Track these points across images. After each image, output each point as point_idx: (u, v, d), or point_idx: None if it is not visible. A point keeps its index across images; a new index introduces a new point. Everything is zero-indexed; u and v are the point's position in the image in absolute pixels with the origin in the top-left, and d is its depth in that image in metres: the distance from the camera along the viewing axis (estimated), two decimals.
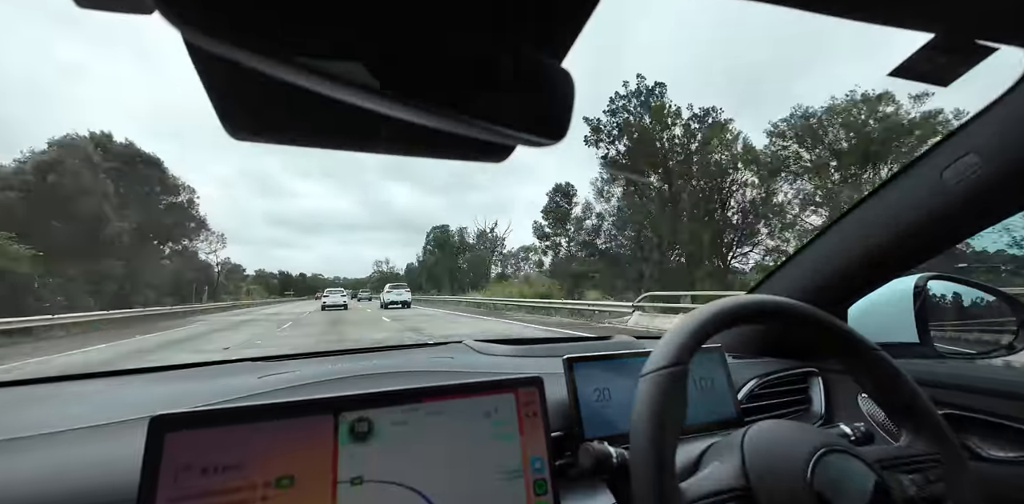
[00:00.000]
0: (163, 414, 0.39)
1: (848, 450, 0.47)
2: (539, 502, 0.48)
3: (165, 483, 0.38)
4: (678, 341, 0.48)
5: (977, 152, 0.62)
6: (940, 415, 0.54)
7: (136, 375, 0.89)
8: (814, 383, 0.96)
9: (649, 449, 0.42)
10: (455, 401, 0.49)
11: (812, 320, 0.55)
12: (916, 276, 0.98)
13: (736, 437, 0.51)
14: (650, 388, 0.46)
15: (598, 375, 0.70)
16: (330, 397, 0.45)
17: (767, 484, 0.45)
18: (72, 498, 0.45)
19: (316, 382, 0.72)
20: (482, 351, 1.09)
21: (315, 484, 0.41)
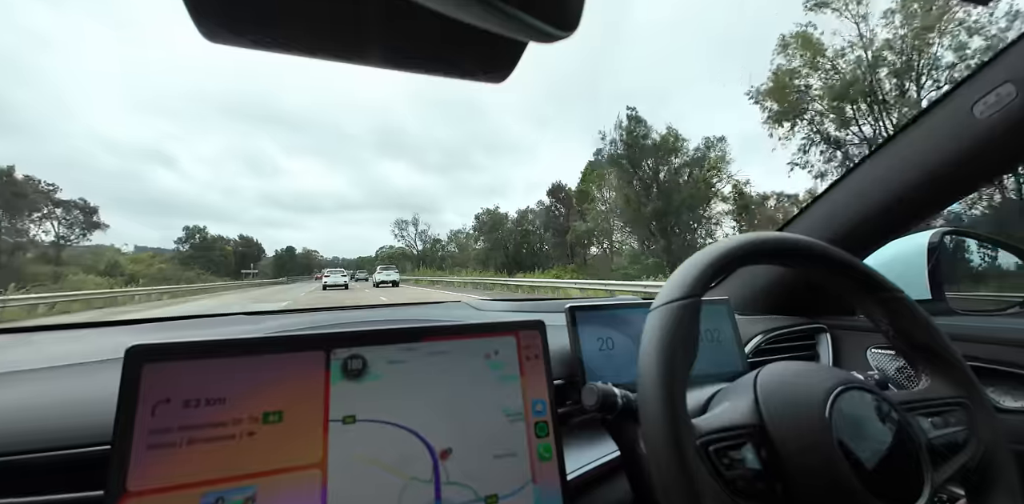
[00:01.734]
0: (140, 344, 0.37)
1: (869, 388, 0.45)
2: (541, 444, 0.47)
3: (143, 416, 0.36)
4: (692, 273, 0.45)
5: (1013, 81, 0.57)
6: (963, 357, 0.51)
7: (127, 326, 0.86)
8: (822, 339, 0.94)
9: (659, 379, 0.39)
10: (454, 341, 0.47)
11: (832, 259, 0.52)
12: (931, 231, 0.95)
13: (748, 378, 0.49)
14: (660, 320, 0.43)
15: (601, 325, 0.68)
16: (321, 333, 0.43)
17: (782, 420, 0.42)
18: (47, 434, 0.43)
19: (312, 328, 0.70)
20: (481, 308, 1.07)
21: (305, 420, 0.39)
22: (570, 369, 0.65)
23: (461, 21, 0.28)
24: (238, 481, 0.37)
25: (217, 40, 0.29)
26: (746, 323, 0.90)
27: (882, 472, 0.40)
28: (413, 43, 0.32)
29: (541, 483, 0.45)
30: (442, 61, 0.35)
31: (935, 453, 0.45)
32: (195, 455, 0.36)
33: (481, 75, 0.37)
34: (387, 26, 0.30)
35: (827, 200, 0.89)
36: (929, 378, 0.51)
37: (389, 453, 0.40)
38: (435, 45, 0.32)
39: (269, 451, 0.38)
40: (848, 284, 0.53)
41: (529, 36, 0.31)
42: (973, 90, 0.62)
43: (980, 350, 0.74)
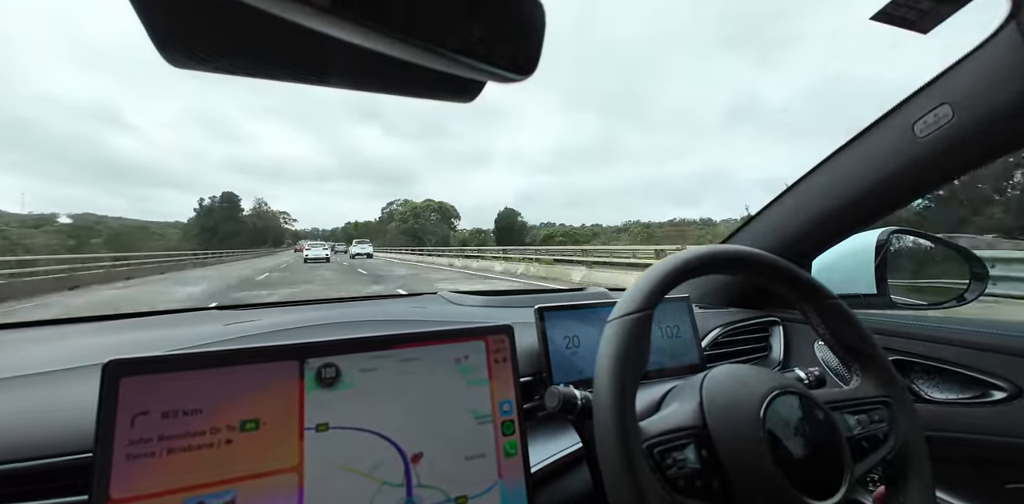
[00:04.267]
0: (117, 359, 0.38)
1: (799, 391, 0.50)
2: (507, 442, 0.50)
3: (122, 428, 0.37)
4: (645, 288, 0.49)
5: (950, 103, 0.62)
6: (889, 359, 0.56)
7: (93, 323, 0.86)
8: (775, 332, 1.00)
9: (611, 389, 0.43)
10: (424, 348, 0.49)
11: (775, 269, 0.56)
12: (879, 230, 1.01)
13: (696, 380, 0.53)
14: (615, 332, 0.47)
15: (568, 324, 0.72)
16: (295, 343, 0.44)
17: (722, 423, 0.47)
18: (23, 447, 0.44)
19: (284, 329, 0.71)
20: (456, 302, 1.09)
21: (281, 429, 0.41)
22: (539, 365, 0.69)
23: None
24: (217, 486, 0.39)
25: (180, 66, 0.30)
26: (706, 316, 0.95)
27: (805, 467, 0.45)
28: (376, 70, 0.33)
29: (507, 478, 0.48)
30: (408, 85, 0.36)
31: (858, 448, 0.50)
32: (175, 463, 0.38)
33: (447, 97, 0.38)
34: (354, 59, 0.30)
35: (774, 210, 0.94)
36: (859, 378, 0.57)
37: (362, 458, 0.43)
38: (399, 72, 0.33)
39: (247, 458, 0.40)
40: (789, 290, 0.57)
41: (488, 79, 0.33)
42: (914, 110, 0.66)
43: (911, 345, 0.81)
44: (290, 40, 0.29)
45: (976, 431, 0.71)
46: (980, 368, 0.72)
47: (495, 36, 0.30)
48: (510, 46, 0.31)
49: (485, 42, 0.30)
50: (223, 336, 0.68)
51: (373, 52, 0.28)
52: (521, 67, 0.31)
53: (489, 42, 0.30)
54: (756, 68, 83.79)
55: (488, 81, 0.33)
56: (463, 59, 0.28)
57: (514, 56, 0.31)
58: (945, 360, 0.76)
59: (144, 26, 0.26)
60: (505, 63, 0.30)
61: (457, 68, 0.30)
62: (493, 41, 0.30)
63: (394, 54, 0.28)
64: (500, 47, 0.30)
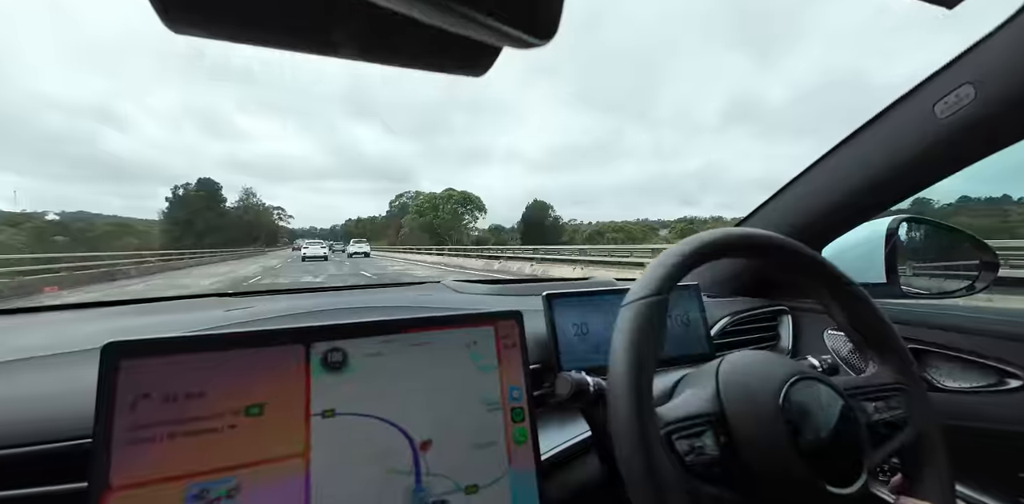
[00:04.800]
0: (117, 341, 0.37)
1: (818, 377, 0.49)
2: (516, 428, 0.49)
3: (122, 412, 0.36)
4: (660, 272, 0.47)
5: (973, 83, 0.60)
6: (907, 348, 0.55)
7: (94, 309, 0.84)
8: (783, 320, 0.99)
9: (628, 374, 0.42)
10: (433, 333, 0.48)
11: (794, 253, 0.55)
12: (890, 218, 0.99)
13: (711, 366, 0.52)
14: (631, 316, 0.45)
15: (577, 311, 0.70)
16: (301, 327, 0.43)
17: (740, 409, 0.46)
18: (22, 433, 0.43)
19: (287, 315, 0.69)
20: (460, 290, 1.08)
21: (287, 414, 0.40)
22: (547, 353, 0.67)
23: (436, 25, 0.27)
24: (221, 473, 0.37)
25: (182, 31, 0.28)
26: (714, 305, 0.93)
27: (825, 455, 0.44)
28: (387, 38, 0.31)
29: (516, 466, 0.47)
30: (418, 55, 0.34)
31: (876, 434, 0.49)
32: (177, 449, 0.37)
33: (459, 70, 0.36)
34: (360, 22, 0.29)
35: (789, 193, 0.92)
36: (876, 365, 0.56)
37: (369, 446, 0.42)
38: (410, 40, 0.31)
39: (251, 444, 0.39)
40: (806, 275, 0.56)
41: (506, 43, 0.31)
42: (935, 90, 0.64)
43: (924, 334, 0.79)
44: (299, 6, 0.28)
45: (990, 420, 0.70)
46: (995, 357, 0.71)
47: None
48: (528, 3, 0.29)
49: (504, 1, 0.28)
50: (226, 321, 0.67)
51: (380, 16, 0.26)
52: (540, 29, 0.29)
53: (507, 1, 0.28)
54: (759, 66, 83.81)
55: (503, 46, 0.31)
56: (477, 16, 0.27)
57: (532, 15, 0.29)
58: (959, 349, 0.75)
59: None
60: (522, 24, 0.28)
61: (470, 28, 0.28)
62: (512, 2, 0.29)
63: (402, 10, 0.26)
64: (517, 4, 0.28)
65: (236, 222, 69.48)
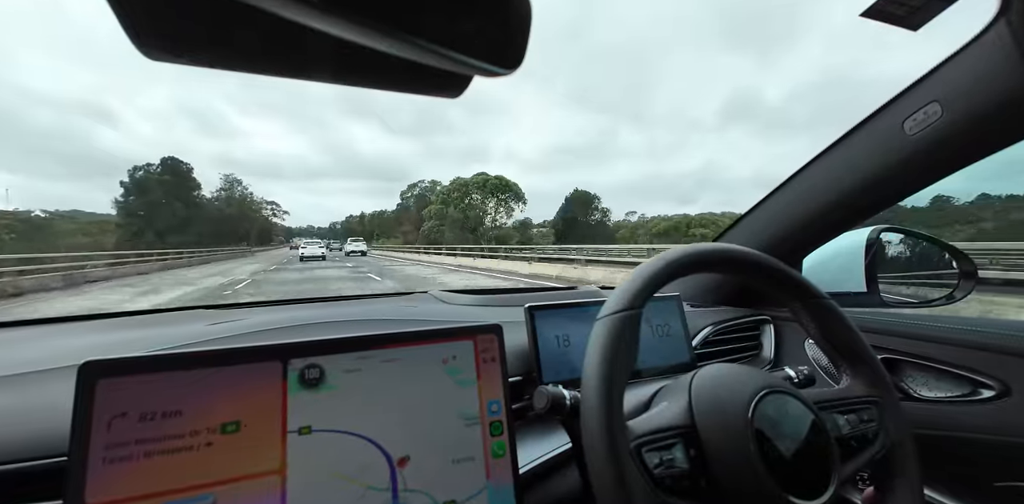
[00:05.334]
0: (94, 360, 0.37)
1: (788, 391, 0.49)
2: (495, 442, 0.49)
3: (98, 431, 0.36)
4: (634, 287, 0.48)
5: (940, 101, 0.61)
6: (879, 359, 0.56)
7: (74, 323, 0.84)
8: (765, 330, 1.00)
9: (599, 387, 0.43)
10: (411, 348, 0.48)
11: (766, 268, 0.56)
12: (870, 228, 1.01)
13: (685, 379, 0.53)
14: (603, 331, 0.46)
15: (558, 322, 0.71)
16: (277, 344, 0.43)
17: (710, 422, 0.47)
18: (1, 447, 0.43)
19: (269, 329, 0.69)
20: (446, 301, 1.08)
21: (263, 431, 0.40)
22: (529, 365, 0.68)
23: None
24: (197, 490, 0.38)
25: (156, 59, 0.29)
26: (697, 315, 0.95)
27: (793, 467, 0.45)
28: (361, 65, 0.32)
29: (494, 480, 0.48)
30: (393, 81, 0.35)
31: (847, 448, 0.50)
32: (153, 467, 0.37)
33: (433, 92, 0.37)
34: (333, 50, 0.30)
35: (765, 207, 0.94)
36: (849, 377, 0.57)
37: (347, 462, 0.42)
38: (384, 67, 0.32)
39: (228, 461, 0.39)
40: (779, 289, 0.57)
41: (474, 73, 0.32)
42: (903, 108, 0.66)
43: (901, 344, 0.81)
44: (270, 32, 0.28)
45: (965, 429, 0.71)
46: (969, 366, 0.72)
47: (480, 29, 0.30)
48: (496, 39, 0.30)
49: (470, 35, 0.29)
50: (206, 336, 0.67)
51: (356, 45, 0.27)
52: (507, 60, 0.30)
53: (474, 35, 0.29)
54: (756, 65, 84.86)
55: (474, 75, 0.32)
56: (447, 52, 0.28)
57: (500, 49, 0.30)
58: (934, 358, 0.76)
59: (117, 17, 0.25)
60: (491, 56, 0.29)
61: (442, 62, 0.29)
62: (478, 34, 0.30)
63: (377, 47, 0.27)
64: (485, 40, 0.29)
65: (215, 216, 57.23)
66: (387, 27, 0.26)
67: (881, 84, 27.23)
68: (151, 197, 50.38)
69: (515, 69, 0.31)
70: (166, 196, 51.35)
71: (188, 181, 54.46)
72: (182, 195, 52.98)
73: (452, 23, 0.28)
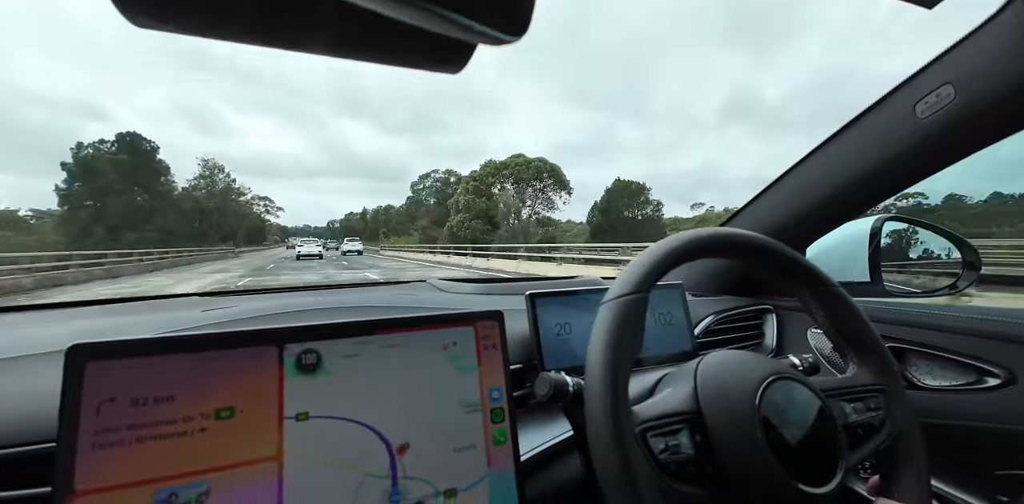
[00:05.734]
0: (82, 343, 0.36)
1: (796, 377, 0.49)
2: (496, 429, 0.48)
3: (87, 416, 0.35)
4: (640, 270, 0.47)
5: (953, 83, 0.60)
6: (887, 348, 0.56)
7: (65, 309, 0.83)
8: (768, 319, 1.00)
9: (603, 372, 0.42)
10: (411, 334, 0.47)
11: (776, 254, 0.55)
12: (873, 217, 1.00)
13: (690, 366, 0.52)
14: (609, 314, 0.45)
15: (560, 310, 0.70)
16: (272, 328, 0.42)
17: (717, 408, 0.46)
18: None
19: (265, 315, 0.68)
20: (445, 289, 1.07)
21: (259, 417, 0.39)
22: (530, 352, 0.67)
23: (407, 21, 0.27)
24: (190, 477, 0.37)
25: (141, 25, 0.27)
26: (699, 304, 0.94)
27: (800, 454, 0.44)
28: (359, 35, 0.30)
29: (495, 468, 0.47)
30: (391, 52, 0.33)
31: (853, 436, 0.49)
32: (145, 453, 0.36)
33: (434, 66, 0.36)
34: (332, 17, 0.28)
35: (771, 194, 0.93)
36: (856, 366, 0.56)
37: (345, 449, 0.41)
38: (382, 36, 0.31)
39: (222, 447, 0.38)
40: (788, 276, 0.56)
41: (478, 40, 0.30)
42: (915, 90, 0.65)
43: (906, 332, 0.80)
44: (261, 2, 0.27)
45: (969, 418, 0.71)
46: (974, 355, 0.72)
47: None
48: (501, 3, 0.28)
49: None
50: (201, 322, 0.65)
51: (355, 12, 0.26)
52: (512, 25, 0.29)
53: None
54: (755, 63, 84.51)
55: (477, 43, 0.31)
56: (451, 15, 0.26)
57: (504, 11, 0.28)
58: (939, 347, 0.76)
59: None
60: (495, 20, 0.28)
61: (445, 26, 0.27)
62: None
63: (376, 9, 0.26)
64: (491, 3, 0.28)
65: (190, 208, 45.28)
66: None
67: (879, 84, 27.11)
68: (101, 182, 38.60)
69: (520, 36, 0.30)
70: (122, 181, 39.17)
71: (152, 163, 41.83)
72: (144, 181, 40.86)
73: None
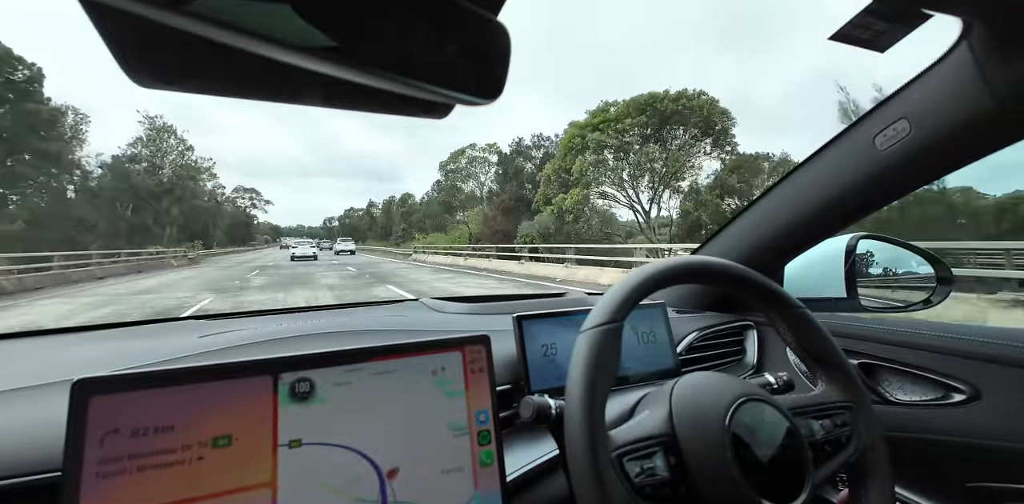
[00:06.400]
0: (86, 378, 0.38)
1: (764, 398, 0.51)
2: (483, 451, 0.50)
3: (91, 447, 0.37)
4: (615, 300, 0.50)
5: (908, 118, 0.64)
6: (853, 365, 0.59)
7: (65, 335, 0.84)
8: (749, 336, 1.03)
9: (581, 399, 0.45)
10: (400, 360, 0.49)
11: (742, 279, 0.58)
12: (849, 235, 1.04)
13: (666, 388, 0.54)
14: (585, 344, 0.48)
15: (546, 331, 0.73)
16: (267, 358, 0.44)
17: (690, 430, 0.48)
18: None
19: (260, 342, 0.70)
20: (437, 309, 1.09)
21: (254, 445, 0.41)
22: (517, 373, 0.69)
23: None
24: (189, 503, 0.39)
25: (146, 86, 0.30)
26: (682, 321, 0.97)
27: (768, 473, 0.47)
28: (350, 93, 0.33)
29: (482, 489, 0.49)
30: (381, 105, 0.36)
31: (821, 452, 0.52)
32: (145, 481, 0.38)
33: (420, 115, 0.39)
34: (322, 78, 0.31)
35: (745, 218, 0.97)
36: (824, 383, 0.59)
37: (336, 475, 0.43)
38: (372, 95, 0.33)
39: (218, 474, 0.40)
40: (757, 300, 0.59)
41: (455, 102, 0.33)
42: (875, 123, 0.69)
43: (877, 349, 0.83)
44: (259, 65, 0.29)
45: (939, 432, 0.74)
46: (941, 371, 0.75)
47: (461, 63, 0.31)
48: (476, 72, 0.31)
49: (451, 69, 0.31)
50: (198, 349, 0.67)
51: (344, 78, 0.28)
52: (486, 91, 0.32)
53: (455, 68, 0.31)
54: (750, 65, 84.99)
55: (455, 103, 0.34)
56: (429, 87, 0.29)
57: (480, 81, 0.31)
58: (909, 363, 0.79)
59: (108, 47, 0.26)
60: (470, 88, 0.31)
61: (425, 93, 0.30)
62: (459, 68, 0.31)
63: (363, 82, 0.28)
64: (466, 73, 0.31)
65: (113, 189, 30.43)
66: (371, 66, 0.27)
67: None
68: None
69: (494, 99, 0.33)
70: None
71: (30, 97, 25.15)
72: (27, 144, 25.47)
73: (432, 58, 0.30)
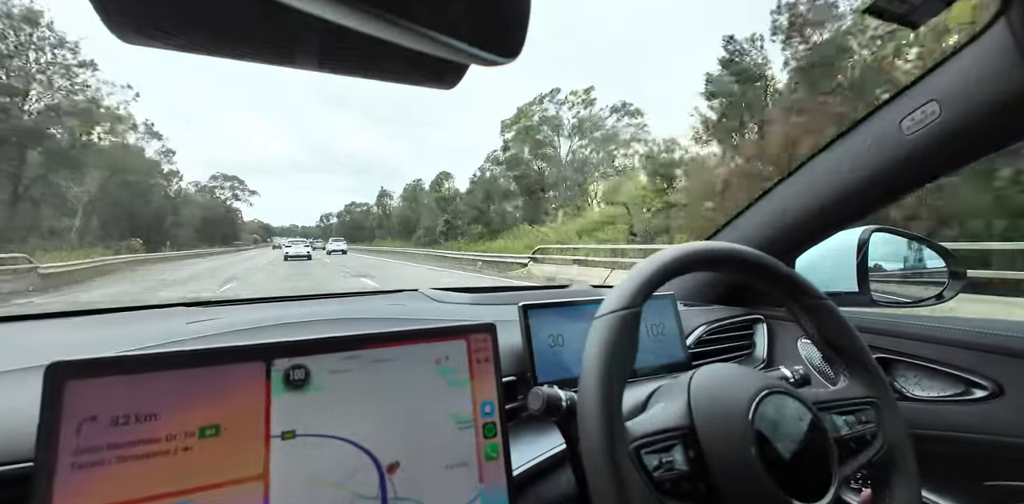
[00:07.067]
0: (61, 361, 0.35)
1: (788, 391, 0.49)
2: (488, 445, 0.48)
3: (66, 436, 0.34)
4: (632, 285, 0.47)
5: (938, 100, 0.61)
6: (876, 360, 0.56)
7: (46, 320, 0.81)
8: (759, 329, 1.00)
9: (597, 388, 0.42)
10: (402, 347, 0.46)
11: (763, 267, 0.55)
12: (861, 228, 1.02)
13: (683, 379, 0.52)
14: (602, 330, 0.45)
15: (553, 321, 0.70)
16: (261, 343, 0.41)
17: (710, 423, 0.46)
18: None
19: (251, 328, 0.67)
20: (438, 299, 1.06)
21: (245, 435, 0.38)
22: (523, 364, 0.67)
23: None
24: (174, 497, 0.36)
25: (129, 41, 0.26)
26: (691, 314, 0.94)
27: (793, 469, 0.44)
28: (354, 51, 0.30)
29: (487, 484, 0.46)
30: (387, 69, 0.33)
31: (845, 449, 0.49)
32: (126, 473, 0.35)
33: (428, 83, 0.35)
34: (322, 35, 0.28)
35: (760, 206, 0.94)
36: (846, 379, 0.56)
37: (333, 469, 0.40)
38: (379, 54, 0.30)
39: (206, 466, 0.37)
40: (777, 289, 0.56)
41: (473, 62, 0.30)
42: (901, 107, 0.66)
43: (894, 343, 0.81)
44: (252, 14, 0.26)
45: (958, 429, 0.72)
46: (962, 366, 0.73)
47: (479, 14, 0.28)
48: (495, 26, 0.28)
49: (468, 20, 0.27)
50: (185, 335, 0.64)
51: (346, 30, 0.25)
52: (506, 49, 0.29)
53: (473, 20, 0.28)
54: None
55: (471, 64, 0.31)
56: (444, 39, 0.26)
57: (499, 37, 0.28)
58: (928, 358, 0.76)
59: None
60: (489, 44, 0.28)
61: (438, 49, 0.27)
62: (477, 19, 0.28)
63: (370, 31, 0.25)
64: (484, 26, 0.28)
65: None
66: (377, 9, 0.24)
67: None
68: None
69: (514, 58, 0.30)
70: None
71: None
72: None
73: (447, 6, 0.27)
